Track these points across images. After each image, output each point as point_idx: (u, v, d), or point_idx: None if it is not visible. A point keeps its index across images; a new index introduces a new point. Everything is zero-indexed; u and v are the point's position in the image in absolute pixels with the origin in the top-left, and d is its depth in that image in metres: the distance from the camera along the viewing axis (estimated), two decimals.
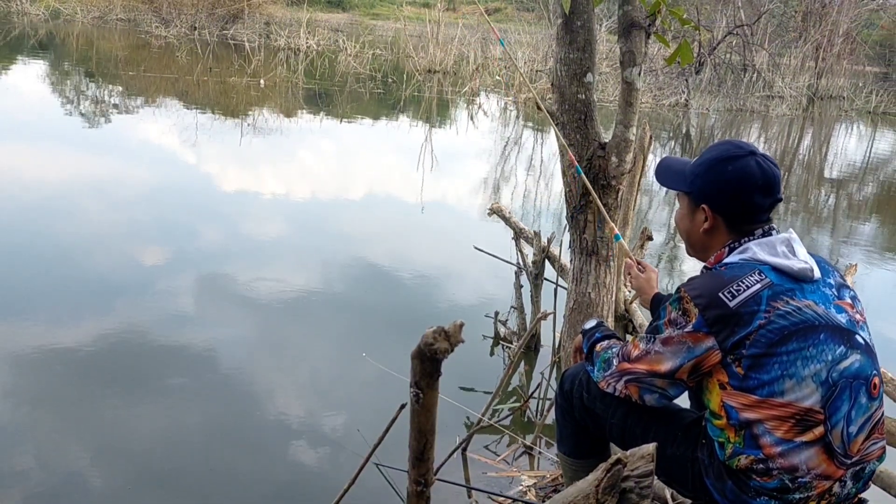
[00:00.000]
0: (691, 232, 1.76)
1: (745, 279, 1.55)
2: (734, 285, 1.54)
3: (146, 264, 4.49)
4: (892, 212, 9.02)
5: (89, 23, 18.51)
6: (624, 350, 1.72)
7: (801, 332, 1.52)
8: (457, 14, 25.82)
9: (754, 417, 1.53)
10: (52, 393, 2.97)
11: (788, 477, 1.53)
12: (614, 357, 1.74)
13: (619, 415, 1.81)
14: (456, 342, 1.30)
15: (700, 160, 1.72)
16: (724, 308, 1.53)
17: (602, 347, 1.82)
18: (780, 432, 1.52)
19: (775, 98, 17.88)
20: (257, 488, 2.56)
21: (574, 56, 2.47)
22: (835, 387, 1.52)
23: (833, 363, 1.52)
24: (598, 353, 1.82)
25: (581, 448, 1.98)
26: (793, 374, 1.50)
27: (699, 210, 1.70)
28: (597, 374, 1.78)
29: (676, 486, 1.78)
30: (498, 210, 4.18)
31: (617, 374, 1.71)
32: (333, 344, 3.67)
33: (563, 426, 2.00)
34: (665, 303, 1.66)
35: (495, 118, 13.00)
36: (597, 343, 1.86)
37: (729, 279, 1.56)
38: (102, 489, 2.47)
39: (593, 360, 1.83)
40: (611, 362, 1.74)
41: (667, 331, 1.61)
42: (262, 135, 8.81)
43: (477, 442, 2.92)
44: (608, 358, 1.75)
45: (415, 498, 1.48)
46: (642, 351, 1.65)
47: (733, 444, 1.58)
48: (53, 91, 10.49)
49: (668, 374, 1.61)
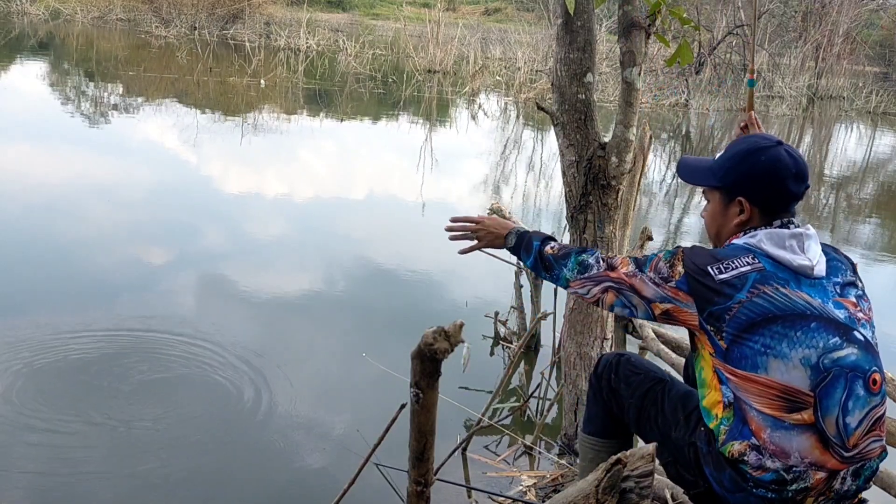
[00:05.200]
0: (724, 226, 1.75)
1: (738, 260, 1.61)
2: (725, 263, 1.60)
3: (146, 264, 4.49)
4: (892, 212, 9.01)
5: (89, 23, 18.51)
6: (609, 260, 1.76)
7: (788, 318, 1.56)
8: (457, 14, 25.83)
9: (742, 392, 1.57)
10: (53, 393, 2.97)
11: (782, 466, 1.54)
12: (595, 262, 1.77)
13: (637, 395, 1.89)
14: (456, 342, 1.30)
15: (728, 154, 1.73)
16: (708, 279, 1.60)
17: (558, 249, 1.85)
18: (768, 409, 1.55)
19: (775, 98, 17.88)
20: (257, 488, 2.56)
21: (574, 56, 2.47)
22: (827, 373, 1.54)
23: (826, 350, 1.55)
24: (557, 255, 1.84)
25: (606, 428, 2.04)
26: (777, 353, 1.54)
27: (734, 203, 1.71)
28: (567, 273, 1.81)
29: (681, 469, 1.79)
30: (498, 210, 4.18)
31: (599, 278, 1.75)
32: (333, 344, 3.67)
33: (591, 406, 2.07)
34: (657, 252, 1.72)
35: (495, 118, 13.00)
36: (544, 246, 1.88)
37: (723, 257, 1.62)
38: (103, 489, 2.47)
39: (553, 261, 1.84)
40: (589, 265, 1.77)
41: (649, 273, 1.67)
42: (263, 135, 8.81)
43: (477, 442, 2.92)
44: (584, 261, 1.78)
45: (415, 498, 1.48)
46: (631, 271, 1.71)
47: (721, 421, 1.61)
48: (53, 91, 10.49)
49: (647, 299, 1.68)
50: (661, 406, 1.84)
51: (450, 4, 26.50)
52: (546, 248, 1.87)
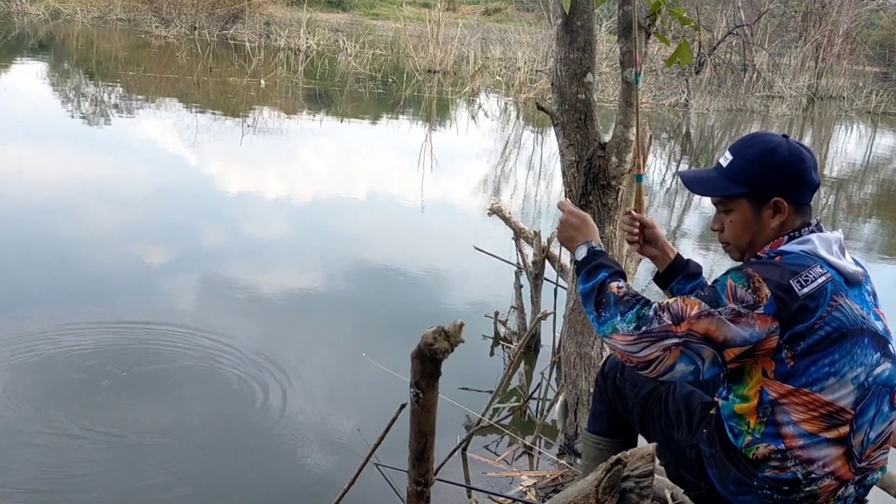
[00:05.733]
0: (760, 233, 1.63)
1: (812, 270, 1.51)
2: (803, 275, 1.49)
3: (147, 264, 4.49)
4: (892, 212, 9.01)
5: (89, 23, 18.51)
6: (671, 309, 1.52)
7: (854, 333, 1.51)
8: (457, 14, 25.83)
9: (786, 406, 1.52)
10: (54, 393, 2.97)
11: (803, 472, 1.53)
12: (654, 315, 1.52)
13: (641, 395, 1.88)
14: (456, 342, 1.30)
15: (746, 157, 1.63)
16: (793, 296, 1.47)
17: (624, 293, 1.59)
18: (806, 425, 1.51)
19: (775, 98, 17.88)
20: (258, 488, 2.56)
21: (574, 56, 2.47)
22: (868, 391, 1.52)
23: (871, 368, 1.53)
24: (620, 298, 1.59)
25: (612, 427, 2.02)
26: (837, 372, 1.50)
27: (768, 206, 1.61)
28: (620, 324, 1.55)
29: (682, 470, 1.79)
30: (498, 210, 4.18)
31: (661, 333, 1.50)
32: (334, 344, 3.67)
33: (596, 405, 2.06)
34: (722, 276, 1.54)
35: (495, 118, 13.00)
36: (611, 280, 1.64)
37: (797, 268, 1.50)
38: (104, 489, 2.47)
39: (612, 303, 1.59)
40: (648, 319, 1.52)
41: (730, 304, 1.48)
42: (263, 135, 8.81)
43: (477, 442, 2.92)
44: (644, 315, 1.53)
45: (415, 498, 1.48)
46: (703, 310, 1.49)
47: (752, 431, 1.56)
48: (53, 91, 10.48)
49: (723, 344, 1.48)
50: (664, 406, 1.83)
51: (450, 4, 26.49)
52: (612, 284, 1.63)
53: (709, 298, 1.51)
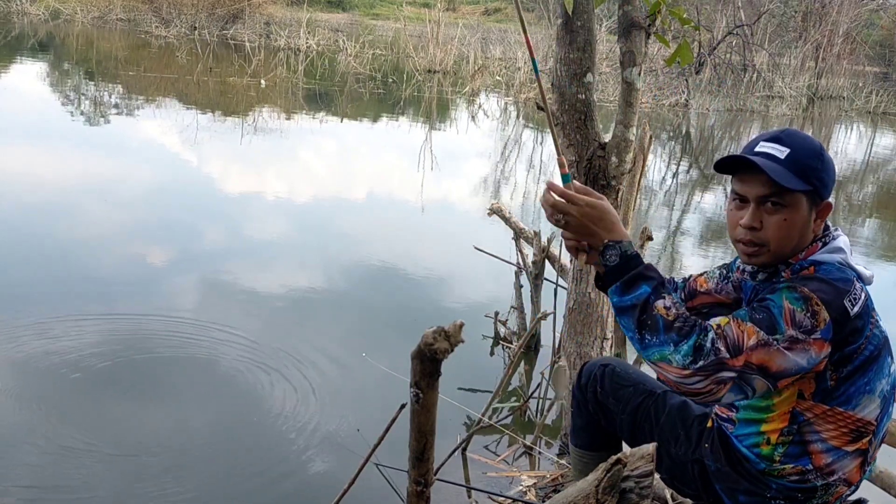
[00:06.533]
0: (806, 236, 1.52)
1: (856, 287, 1.44)
2: (852, 294, 1.42)
3: (148, 264, 4.49)
4: (892, 212, 9.01)
5: (89, 23, 18.51)
6: (726, 337, 1.37)
7: (883, 347, 1.48)
8: (457, 14, 25.83)
9: (816, 425, 1.49)
10: (55, 393, 2.97)
11: (822, 482, 1.51)
12: (711, 346, 1.36)
13: (629, 410, 1.82)
14: (456, 342, 1.30)
15: (805, 153, 1.48)
16: (846, 317, 1.40)
17: (674, 315, 1.39)
18: (834, 440, 1.49)
19: (775, 98, 17.89)
20: (258, 488, 2.56)
21: (574, 56, 2.47)
22: (887, 400, 1.51)
23: (891, 377, 1.52)
24: (670, 322, 1.38)
25: (594, 441, 1.98)
26: (872, 389, 1.47)
27: (818, 208, 1.52)
28: (673, 355, 1.37)
29: (679, 485, 1.77)
30: (498, 210, 4.18)
31: (717, 366, 1.35)
32: (334, 344, 3.67)
33: (577, 419, 2.00)
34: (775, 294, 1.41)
35: (495, 118, 13.00)
36: (657, 298, 1.41)
37: (843, 285, 1.42)
38: (105, 489, 2.47)
39: (661, 327, 1.39)
40: (705, 352, 1.35)
41: (787, 331, 1.36)
42: (263, 135, 8.81)
43: (477, 442, 2.92)
44: (702, 346, 1.36)
45: (415, 498, 1.48)
46: (761, 340, 1.36)
47: (774, 446, 1.52)
48: (53, 91, 10.48)
49: (777, 374, 1.38)
50: (655, 421, 1.77)
51: (450, 4, 26.50)
52: (658, 304, 1.40)
53: (766, 324, 1.37)
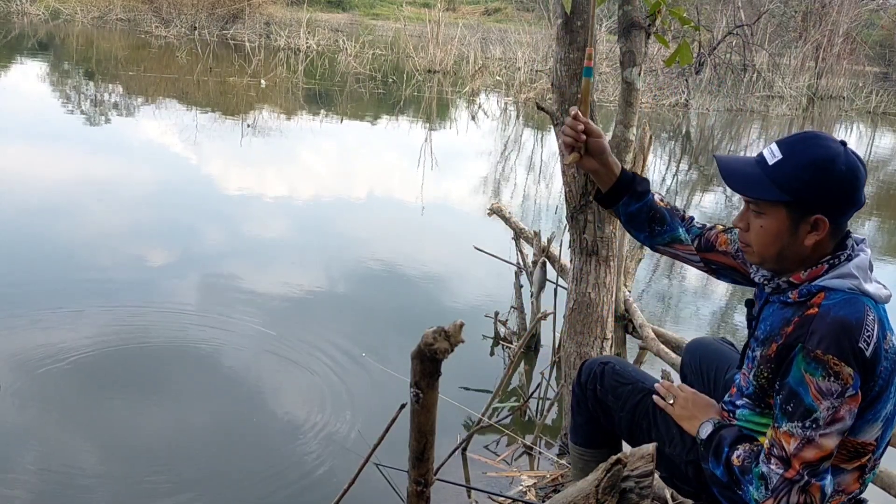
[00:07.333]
0: (790, 247, 1.49)
1: (867, 321, 1.39)
2: (864, 332, 1.38)
3: (148, 264, 4.49)
4: (892, 212, 9.01)
5: (89, 23, 18.51)
6: (774, 452, 1.43)
7: (894, 371, 1.45)
8: (457, 14, 25.83)
9: None
10: (56, 393, 2.97)
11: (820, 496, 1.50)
12: (766, 468, 1.44)
13: (628, 408, 1.82)
14: (456, 342, 1.30)
15: (800, 163, 1.44)
16: (864, 359, 1.38)
17: (739, 460, 1.51)
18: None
19: (775, 98, 17.88)
20: (257, 488, 2.56)
21: (574, 56, 2.47)
22: (889, 421, 1.50)
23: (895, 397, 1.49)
24: (743, 467, 1.50)
25: (594, 439, 1.98)
26: (876, 417, 1.46)
27: (806, 222, 1.46)
28: (755, 494, 1.46)
29: (677, 483, 1.77)
30: (498, 210, 4.18)
31: (784, 484, 1.41)
32: (334, 344, 3.67)
33: (577, 416, 2.01)
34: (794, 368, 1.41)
35: (495, 118, 13.00)
36: (732, 453, 1.54)
37: (855, 321, 1.38)
38: (105, 489, 2.47)
39: (740, 475, 1.51)
40: (769, 476, 1.43)
41: (822, 406, 1.37)
42: (263, 135, 8.81)
43: (477, 442, 2.92)
44: (762, 473, 1.45)
45: (415, 498, 1.48)
46: (801, 440, 1.39)
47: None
48: (53, 91, 10.48)
49: (834, 452, 1.42)
50: (652, 419, 1.78)
51: (450, 4, 26.51)
52: (732, 457, 1.53)
53: (798, 414, 1.40)
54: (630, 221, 1.83)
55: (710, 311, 4.84)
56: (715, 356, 1.99)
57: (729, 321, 4.67)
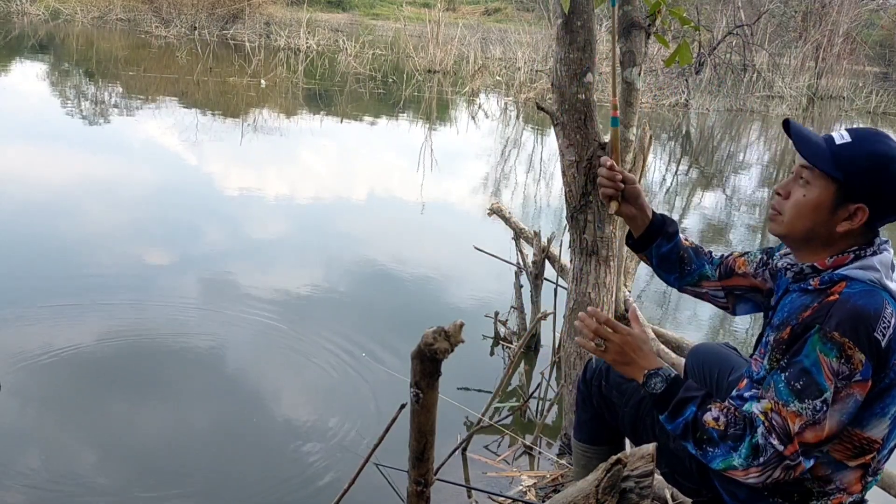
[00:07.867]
0: (822, 225, 1.50)
1: (885, 313, 1.41)
2: (882, 322, 1.40)
3: (148, 264, 4.49)
4: None
5: (89, 23, 18.50)
6: (777, 425, 1.42)
7: None
8: (457, 14, 25.84)
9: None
10: (56, 393, 2.97)
11: (818, 490, 1.52)
12: (766, 440, 1.42)
13: (631, 404, 1.83)
14: (456, 342, 1.30)
15: (863, 151, 1.47)
16: (879, 349, 1.39)
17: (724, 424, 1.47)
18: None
19: (775, 98, 17.89)
20: (257, 488, 2.56)
21: (574, 56, 2.47)
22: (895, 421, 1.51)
23: None
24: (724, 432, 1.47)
25: (598, 436, 1.99)
26: (885, 412, 1.47)
27: (846, 208, 1.48)
28: (736, 460, 1.44)
29: (680, 479, 1.77)
30: (498, 210, 4.18)
31: (776, 459, 1.42)
32: (333, 344, 3.67)
33: (581, 412, 2.02)
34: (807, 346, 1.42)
35: (495, 118, 13.00)
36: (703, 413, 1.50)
37: (873, 310, 1.41)
38: (106, 489, 2.47)
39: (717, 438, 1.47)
40: (762, 448, 1.43)
41: (830, 385, 1.39)
42: (263, 135, 8.81)
43: (477, 442, 2.92)
44: (757, 443, 1.43)
45: (415, 498, 1.48)
46: (806, 421, 1.40)
47: None
48: (53, 91, 10.48)
49: (832, 437, 1.43)
50: (656, 415, 1.76)
51: (450, 4, 26.51)
52: (706, 418, 1.48)
53: (808, 393, 1.41)
54: (661, 264, 1.88)
55: (710, 311, 4.83)
56: (718, 359, 2.00)
57: (728, 321, 4.67)
